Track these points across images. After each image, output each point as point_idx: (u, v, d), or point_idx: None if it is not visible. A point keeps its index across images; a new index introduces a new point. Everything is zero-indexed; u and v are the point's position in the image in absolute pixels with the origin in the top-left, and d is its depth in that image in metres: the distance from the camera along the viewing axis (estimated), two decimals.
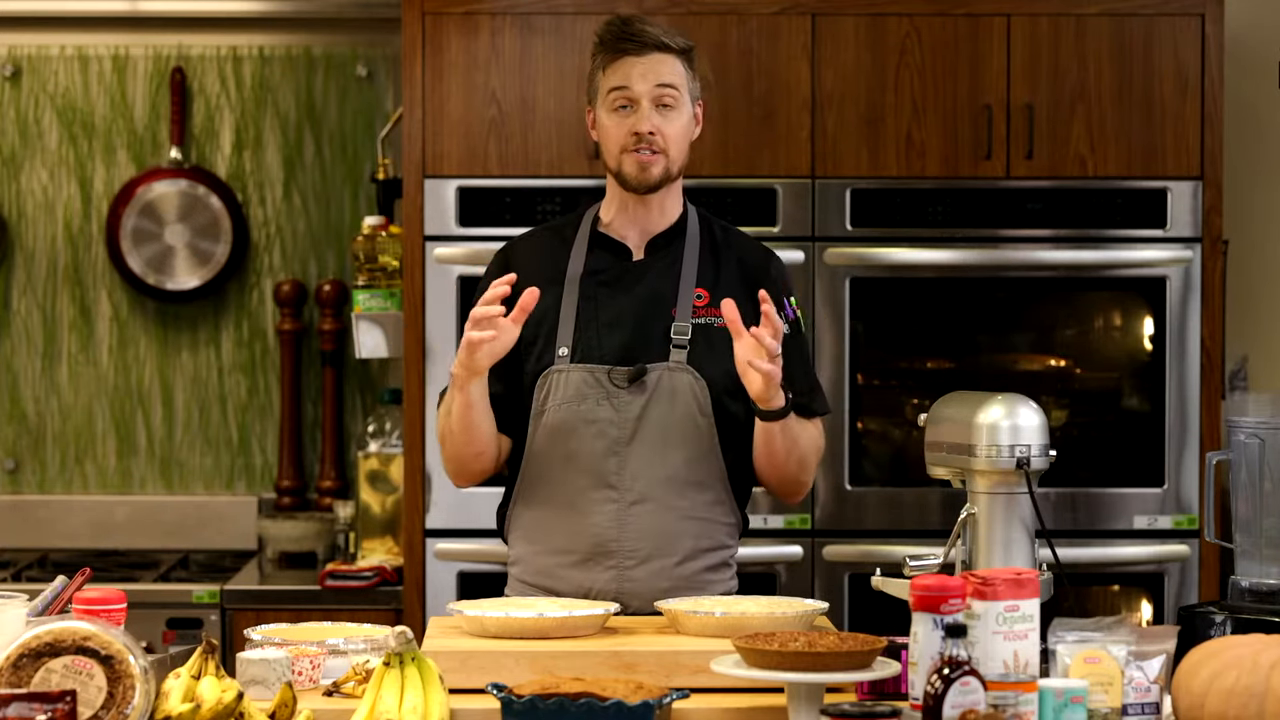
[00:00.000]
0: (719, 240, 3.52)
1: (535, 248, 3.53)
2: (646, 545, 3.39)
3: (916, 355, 4.72)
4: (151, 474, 5.47)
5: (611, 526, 3.39)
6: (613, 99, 3.41)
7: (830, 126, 4.62)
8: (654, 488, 3.39)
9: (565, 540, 3.41)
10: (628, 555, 3.39)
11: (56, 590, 2.99)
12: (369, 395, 5.43)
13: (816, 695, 2.74)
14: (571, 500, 3.41)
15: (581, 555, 3.40)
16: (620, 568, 3.39)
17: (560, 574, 3.41)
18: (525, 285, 3.32)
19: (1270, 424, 3.32)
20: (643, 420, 3.39)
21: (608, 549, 3.39)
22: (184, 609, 4.78)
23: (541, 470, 3.44)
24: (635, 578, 3.39)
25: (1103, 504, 4.64)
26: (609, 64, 3.42)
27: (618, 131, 3.41)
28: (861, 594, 4.52)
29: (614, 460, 3.39)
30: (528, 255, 3.50)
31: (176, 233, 5.40)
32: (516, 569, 3.50)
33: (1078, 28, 4.64)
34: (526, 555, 3.47)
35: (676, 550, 3.41)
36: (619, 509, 3.40)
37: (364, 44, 5.45)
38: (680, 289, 3.45)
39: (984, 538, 3.12)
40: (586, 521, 3.40)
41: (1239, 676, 2.64)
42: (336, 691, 2.91)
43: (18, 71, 5.44)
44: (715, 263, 3.49)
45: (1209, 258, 4.64)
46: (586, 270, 3.46)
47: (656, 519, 3.40)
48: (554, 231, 3.56)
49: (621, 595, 3.36)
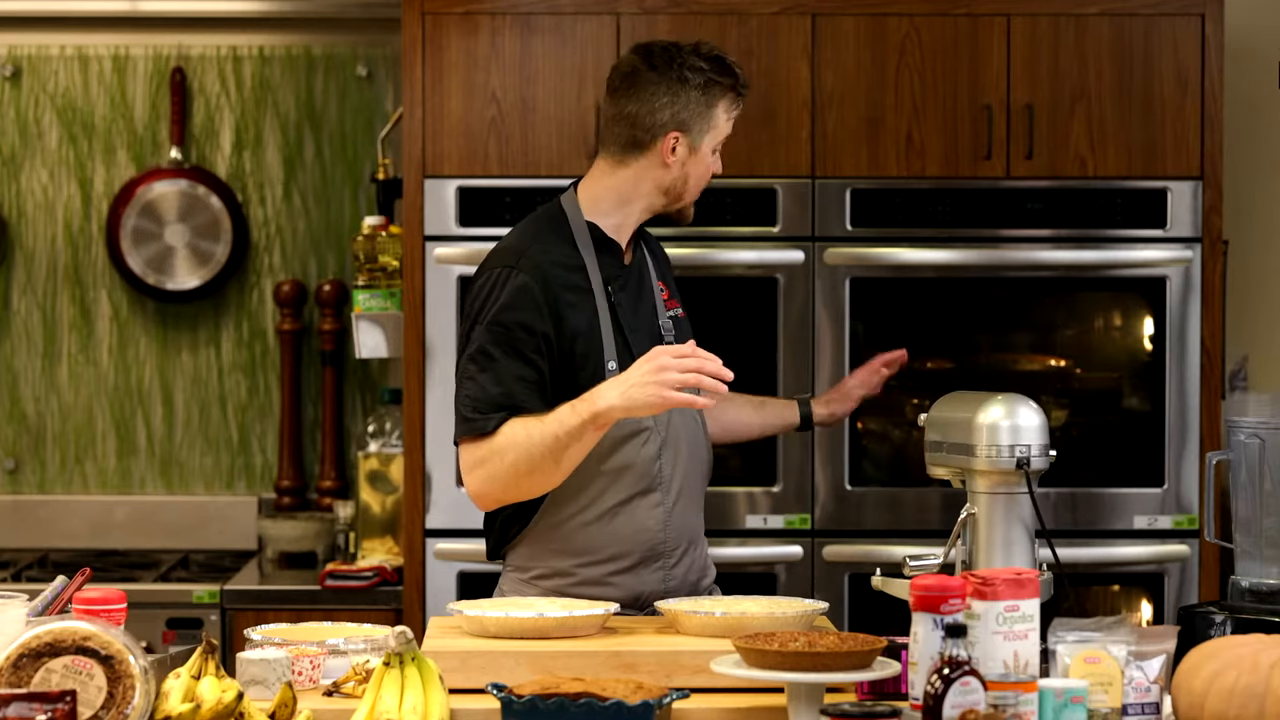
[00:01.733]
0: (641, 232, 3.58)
1: (553, 255, 3.41)
2: (684, 541, 3.48)
3: (916, 355, 4.71)
4: (151, 474, 5.47)
5: (659, 529, 3.43)
6: (723, 140, 3.48)
7: (830, 126, 4.62)
8: (685, 484, 3.46)
9: (618, 547, 3.41)
10: (671, 554, 3.45)
11: (56, 590, 3.00)
12: (369, 395, 5.43)
13: (816, 695, 2.74)
14: (621, 507, 3.41)
15: (635, 560, 3.42)
16: (665, 567, 3.44)
17: (614, 581, 3.41)
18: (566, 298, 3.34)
19: (1270, 424, 3.32)
20: (670, 421, 3.44)
21: (657, 551, 3.44)
22: (184, 609, 4.78)
23: (585, 481, 3.39)
24: (676, 575, 3.46)
25: (1103, 504, 4.64)
26: (734, 109, 3.47)
27: (708, 173, 3.49)
28: (861, 594, 4.52)
29: (658, 464, 3.43)
30: (552, 266, 3.39)
31: (176, 233, 5.40)
32: (551, 581, 3.43)
33: (1078, 28, 4.64)
34: (568, 567, 3.42)
35: (699, 540, 3.53)
36: (664, 511, 3.44)
37: (364, 44, 5.45)
38: (654, 286, 3.53)
39: (984, 538, 3.13)
40: (638, 528, 3.42)
41: (1239, 676, 2.64)
42: (336, 691, 2.91)
43: (18, 71, 5.44)
44: (653, 255, 3.59)
45: (1209, 258, 4.64)
46: (603, 275, 3.44)
47: (689, 514, 3.49)
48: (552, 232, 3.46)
49: (669, 594, 3.41)
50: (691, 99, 3.41)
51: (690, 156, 3.43)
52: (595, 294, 3.40)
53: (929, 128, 4.62)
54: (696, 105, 3.41)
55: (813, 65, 4.62)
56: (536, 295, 3.33)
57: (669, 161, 3.42)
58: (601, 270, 3.42)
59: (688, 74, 3.40)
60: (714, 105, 3.42)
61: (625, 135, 3.44)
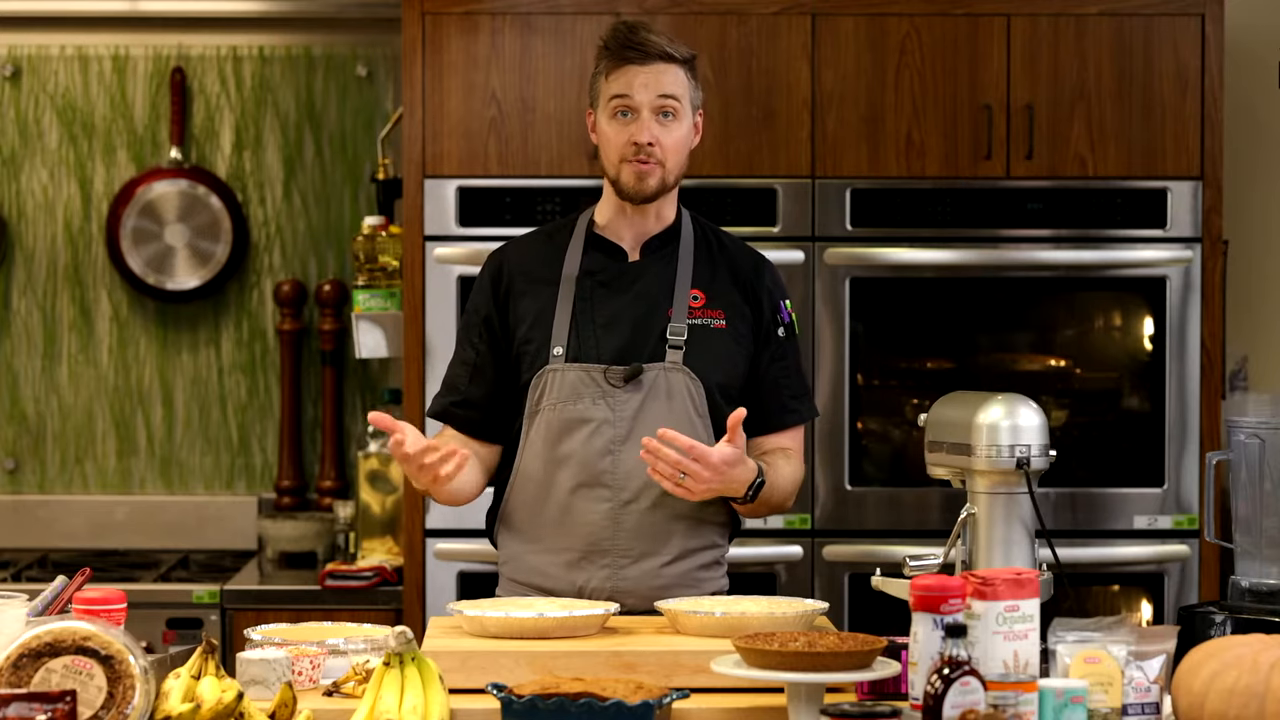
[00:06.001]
0: (712, 243, 3.55)
1: (527, 250, 3.55)
2: (640, 544, 3.41)
3: (916, 355, 4.72)
4: (151, 474, 5.47)
5: (606, 526, 3.40)
6: (614, 106, 3.42)
7: (830, 126, 4.62)
8: (648, 487, 3.39)
9: (559, 539, 3.42)
10: (621, 554, 3.41)
11: (56, 590, 2.99)
12: (369, 395, 5.43)
13: (816, 695, 2.74)
14: (565, 499, 3.41)
15: (576, 555, 3.41)
16: (614, 566, 3.40)
17: (553, 573, 3.42)
18: (519, 286, 3.46)
19: (1270, 424, 3.32)
20: (638, 419, 3.39)
21: (601, 548, 3.41)
22: (184, 609, 4.78)
23: (534, 470, 3.44)
24: (628, 576, 3.40)
25: (1103, 504, 4.64)
26: (612, 70, 3.43)
27: (617, 140, 3.42)
28: (861, 594, 4.52)
29: (609, 459, 3.40)
30: (520, 257, 3.53)
31: (176, 233, 5.40)
32: (508, 568, 3.50)
33: (1078, 28, 4.64)
34: (519, 554, 3.47)
35: (669, 549, 3.42)
36: (613, 508, 3.41)
37: (364, 44, 5.45)
38: (676, 290, 3.46)
39: (984, 538, 3.13)
40: (581, 521, 3.41)
41: (1239, 676, 2.64)
42: (336, 691, 2.91)
43: (18, 71, 5.44)
44: (710, 265, 3.52)
45: (1209, 258, 4.64)
46: (582, 270, 3.47)
47: (649, 518, 3.41)
48: (546, 235, 3.58)
49: (615, 594, 3.37)
50: (592, 75, 3.50)
51: (596, 130, 3.49)
52: (562, 285, 3.45)
53: (929, 128, 4.62)
54: (593, 79, 3.50)
55: (813, 65, 4.62)
56: (488, 282, 3.51)
57: (593, 139, 3.51)
58: (584, 265, 3.47)
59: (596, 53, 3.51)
60: (598, 74, 3.47)
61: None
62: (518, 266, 3.49)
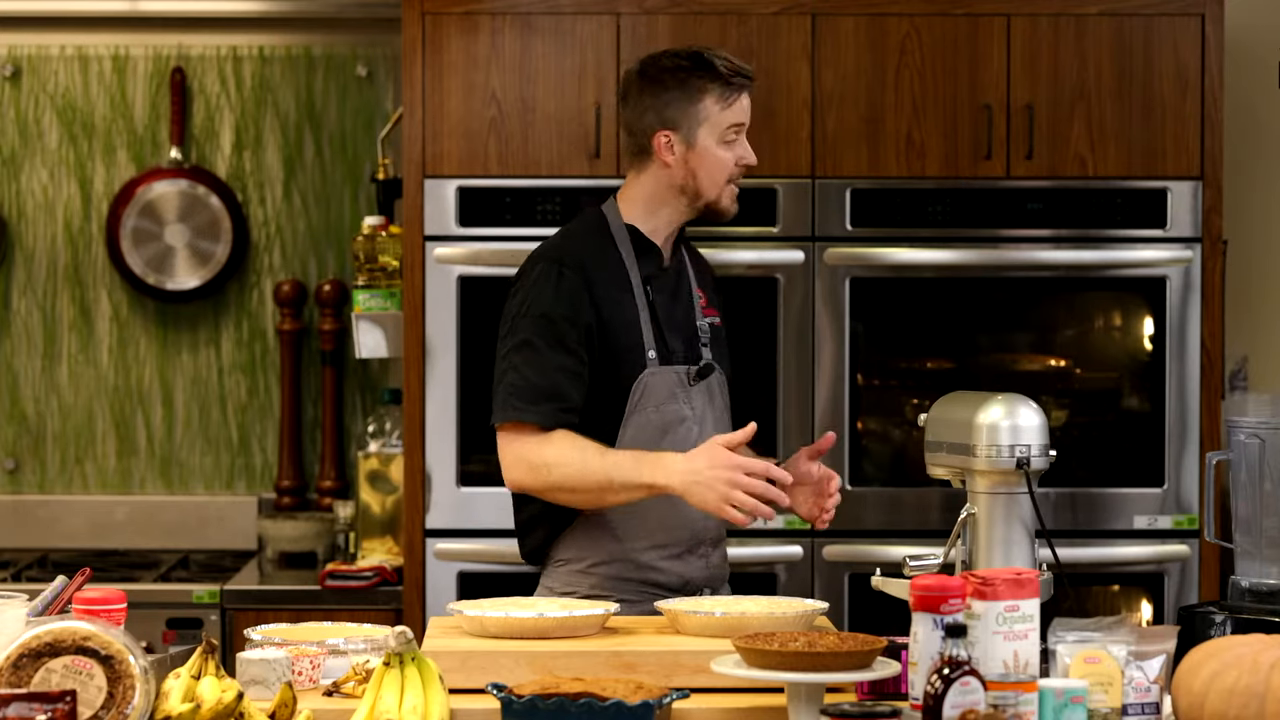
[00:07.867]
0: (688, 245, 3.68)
1: (594, 255, 3.52)
2: (719, 530, 3.57)
3: (916, 355, 4.72)
4: (151, 474, 5.47)
5: (702, 516, 3.48)
6: (731, 133, 3.50)
7: (830, 126, 4.62)
8: None
9: (666, 534, 3.50)
10: (712, 542, 3.55)
11: (56, 590, 2.99)
12: (369, 395, 5.43)
13: (816, 695, 2.74)
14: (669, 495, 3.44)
15: (681, 547, 3.51)
16: (706, 555, 3.54)
17: (663, 566, 3.50)
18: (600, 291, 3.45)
19: (1270, 424, 3.32)
20: (706, 413, 3.53)
21: (700, 538, 3.53)
22: (184, 609, 4.78)
23: None
24: (714, 563, 3.56)
25: (1103, 504, 4.64)
26: (728, 98, 3.49)
27: (728, 162, 3.51)
28: (861, 594, 4.52)
29: None
30: (592, 262, 3.50)
31: (176, 233, 5.40)
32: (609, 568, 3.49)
33: (1078, 28, 4.64)
34: (620, 553, 3.49)
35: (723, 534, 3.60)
36: None
37: (364, 44, 5.45)
38: (692, 291, 3.60)
39: (984, 538, 3.13)
40: (686, 514, 3.48)
41: (1239, 676, 2.64)
42: (336, 691, 2.91)
43: (18, 71, 5.44)
44: (696, 266, 3.67)
45: (1209, 258, 4.64)
46: (642, 274, 3.54)
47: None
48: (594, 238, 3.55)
49: (710, 581, 3.53)
50: (672, 97, 3.49)
51: (690, 152, 3.49)
52: (635, 290, 3.50)
53: (929, 128, 4.62)
54: (679, 102, 3.49)
55: (813, 65, 4.62)
56: (580, 289, 3.45)
57: (668, 160, 3.50)
58: (640, 269, 3.52)
59: (664, 75, 3.50)
60: (698, 99, 3.48)
61: (629, 144, 3.57)
62: (598, 272, 3.49)
